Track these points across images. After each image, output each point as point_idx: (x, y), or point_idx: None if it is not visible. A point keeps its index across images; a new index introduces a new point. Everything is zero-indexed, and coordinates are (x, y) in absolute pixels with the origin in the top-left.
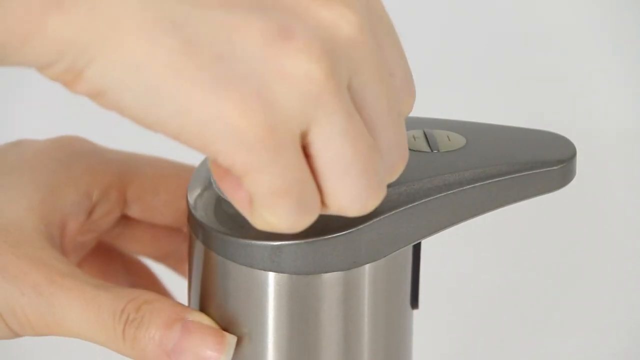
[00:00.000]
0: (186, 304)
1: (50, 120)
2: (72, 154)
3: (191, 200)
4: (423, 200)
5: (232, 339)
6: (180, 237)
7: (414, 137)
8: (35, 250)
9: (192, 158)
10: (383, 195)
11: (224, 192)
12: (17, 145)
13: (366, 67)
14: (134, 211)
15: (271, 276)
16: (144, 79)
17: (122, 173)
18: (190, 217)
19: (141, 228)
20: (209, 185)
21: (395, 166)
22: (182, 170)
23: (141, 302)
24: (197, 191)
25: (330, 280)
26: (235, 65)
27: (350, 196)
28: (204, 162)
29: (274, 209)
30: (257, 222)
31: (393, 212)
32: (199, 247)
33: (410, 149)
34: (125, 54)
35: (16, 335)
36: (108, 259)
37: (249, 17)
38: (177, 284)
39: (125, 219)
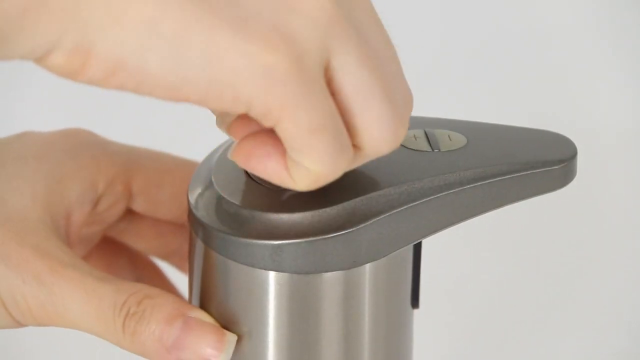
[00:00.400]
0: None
1: (50, 121)
2: (78, 145)
3: (192, 199)
4: (424, 200)
5: (232, 338)
6: (184, 234)
7: (414, 136)
8: (38, 239)
9: (194, 154)
10: (407, 125)
11: (254, 169)
12: (22, 136)
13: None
14: (139, 205)
15: (272, 275)
16: (164, 35)
17: (127, 165)
18: (191, 217)
19: (146, 223)
20: (209, 185)
21: (407, 97)
22: (186, 166)
23: (142, 296)
24: (198, 190)
25: (331, 280)
26: (248, 7)
27: (380, 125)
28: (204, 162)
29: (314, 148)
30: (297, 177)
31: (393, 211)
32: (199, 246)
33: (411, 149)
34: (135, 14)
35: (18, 324)
36: (114, 253)
37: None
38: (178, 282)
39: (130, 214)
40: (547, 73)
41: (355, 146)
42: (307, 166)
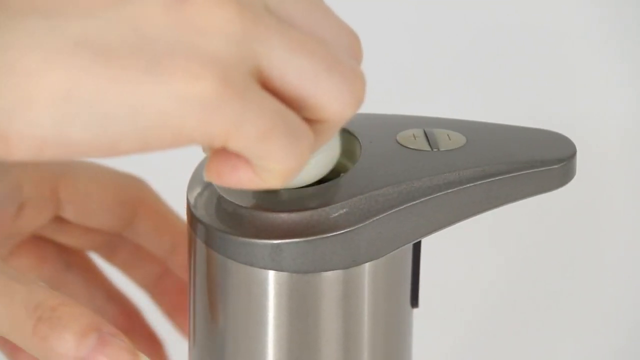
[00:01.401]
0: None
1: None
2: None
3: (191, 199)
4: (423, 199)
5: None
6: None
7: (414, 136)
8: None
9: (192, 154)
10: (363, 77)
11: (228, 185)
12: None
13: None
14: (68, 212)
15: (271, 275)
16: (82, 103)
17: (55, 170)
18: (190, 216)
19: (76, 229)
20: (208, 184)
21: (353, 45)
22: (119, 178)
23: (59, 303)
24: (197, 190)
25: (330, 279)
26: (156, 47)
27: (336, 97)
28: (203, 162)
29: (269, 151)
30: (268, 179)
31: (393, 210)
32: (199, 245)
33: (410, 148)
34: (48, 90)
35: None
36: (43, 244)
37: (140, 0)
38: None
39: (59, 220)
40: (547, 72)
41: (320, 121)
42: (271, 168)
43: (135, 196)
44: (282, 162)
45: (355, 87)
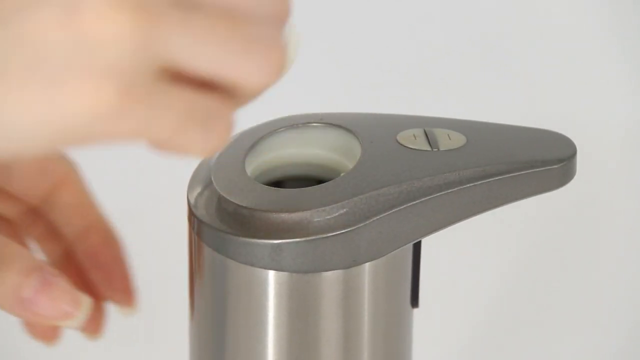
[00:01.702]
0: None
1: None
2: None
3: (191, 199)
4: (423, 199)
5: (87, 300)
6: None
7: (414, 136)
8: None
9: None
10: (279, 45)
11: (174, 156)
12: None
13: None
14: None
15: (271, 274)
16: None
17: None
18: (191, 216)
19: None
20: (209, 184)
21: (276, 9)
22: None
23: (1, 244)
24: (197, 190)
25: (331, 279)
26: (53, 64)
27: (250, 68)
28: (203, 161)
29: (187, 143)
30: (200, 157)
31: (393, 210)
32: (199, 245)
33: (410, 148)
34: None
35: None
36: None
37: (36, 15)
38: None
39: None
40: (548, 72)
41: (242, 94)
42: (193, 154)
43: (60, 170)
44: (200, 148)
45: (271, 59)
